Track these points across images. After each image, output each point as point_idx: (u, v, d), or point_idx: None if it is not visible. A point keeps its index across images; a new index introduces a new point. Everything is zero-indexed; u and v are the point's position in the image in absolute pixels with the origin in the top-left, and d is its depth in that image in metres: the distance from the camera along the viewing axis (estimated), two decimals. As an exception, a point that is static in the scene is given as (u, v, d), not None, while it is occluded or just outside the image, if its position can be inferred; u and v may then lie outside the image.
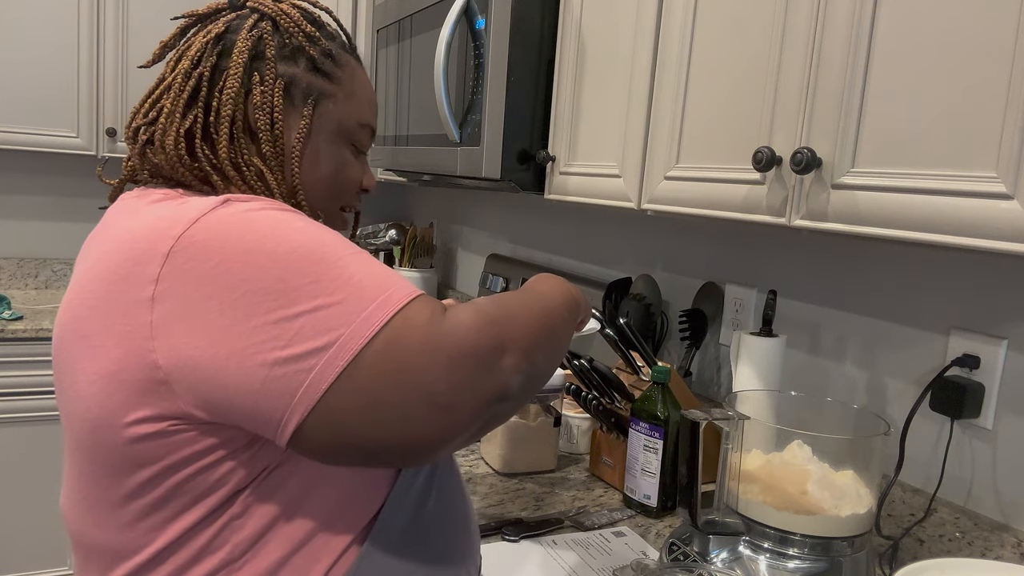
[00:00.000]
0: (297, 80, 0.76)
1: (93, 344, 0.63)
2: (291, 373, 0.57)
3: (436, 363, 0.58)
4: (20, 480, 2.27)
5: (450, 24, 1.49)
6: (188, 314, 0.58)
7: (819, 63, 0.89)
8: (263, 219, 0.61)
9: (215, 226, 0.60)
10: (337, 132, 0.80)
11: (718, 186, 1.05)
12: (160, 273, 0.60)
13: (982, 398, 1.03)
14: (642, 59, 1.20)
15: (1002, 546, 1.00)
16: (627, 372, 1.38)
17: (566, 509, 1.23)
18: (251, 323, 0.57)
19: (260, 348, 0.57)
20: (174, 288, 0.59)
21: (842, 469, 0.96)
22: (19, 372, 2.24)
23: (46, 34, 2.39)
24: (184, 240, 0.60)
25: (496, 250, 2.40)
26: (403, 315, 0.59)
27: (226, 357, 0.58)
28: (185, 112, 0.73)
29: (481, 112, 1.46)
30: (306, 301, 0.58)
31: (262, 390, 0.58)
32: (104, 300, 0.62)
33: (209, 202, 0.63)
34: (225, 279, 0.58)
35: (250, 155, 0.74)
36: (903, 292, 1.16)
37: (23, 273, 2.77)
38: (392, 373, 0.58)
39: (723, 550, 0.94)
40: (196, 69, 0.74)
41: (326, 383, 0.57)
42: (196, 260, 0.59)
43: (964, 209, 0.74)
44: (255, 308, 0.58)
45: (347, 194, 0.83)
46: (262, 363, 0.57)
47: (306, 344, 0.57)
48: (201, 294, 0.58)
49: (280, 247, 0.59)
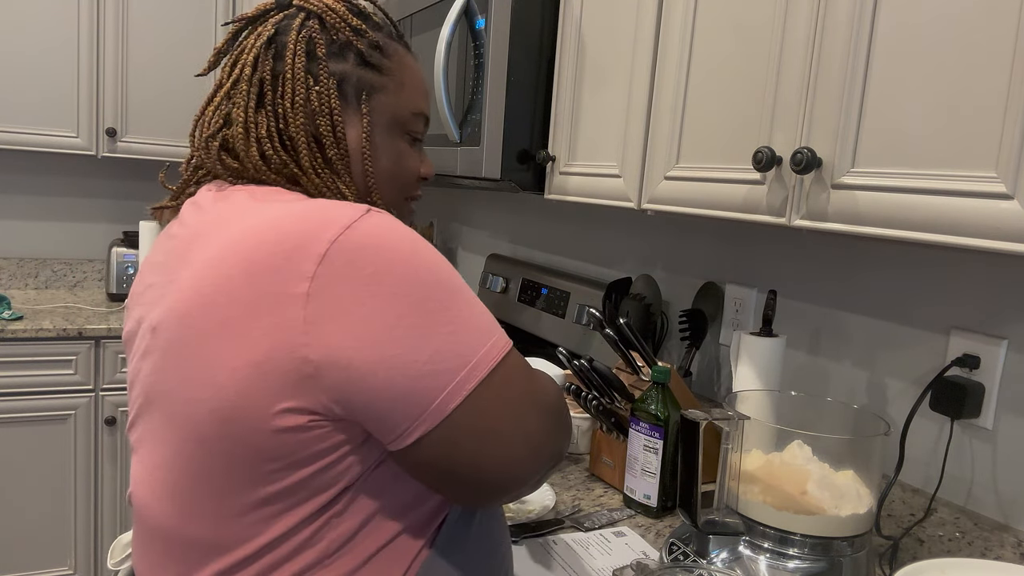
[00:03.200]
0: (348, 76, 0.76)
1: (236, 332, 0.62)
2: (427, 388, 0.62)
3: (534, 408, 0.68)
4: (20, 480, 2.27)
5: (450, 24, 1.49)
6: (342, 314, 0.60)
7: (819, 63, 0.89)
8: (407, 238, 0.64)
9: (369, 236, 0.63)
10: (392, 124, 0.80)
11: (718, 186, 1.05)
12: (316, 271, 0.61)
13: (982, 398, 1.03)
14: (642, 59, 1.20)
15: (1002, 546, 1.00)
16: (627, 372, 1.38)
17: (566, 509, 1.23)
18: (397, 332, 0.61)
19: (406, 359, 0.61)
20: (329, 288, 0.61)
21: (842, 469, 0.96)
22: (19, 372, 2.24)
23: (46, 34, 2.39)
24: (340, 244, 0.62)
25: (496, 250, 2.40)
26: (510, 359, 0.67)
27: (376, 361, 0.61)
28: (256, 118, 0.75)
29: (481, 112, 1.46)
30: (444, 324, 0.63)
31: (400, 398, 0.62)
32: (248, 290, 0.62)
33: (354, 210, 0.65)
34: (378, 287, 0.61)
35: (323, 160, 0.76)
36: (903, 292, 1.16)
37: (23, 273, 2.77)
38: (505, 406, 0.65)
39: (723, 550, 0.94)
40: (256, 74, 0.75)
41: (455, 402, 0.63)
42: (352, 265, 0.61)
43: (964, 209, 0.74)
44: (402, 320, 0.61)
45: (408, 185, 0.84)
46: (405, 374, 0.61)
47: (443, 364, 0.62)
48: (355, 297, 0.61)
49: (423, 269, 0.63)
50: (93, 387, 2.33)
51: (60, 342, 2.28)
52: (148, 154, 2.58)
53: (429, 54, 1.66)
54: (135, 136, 2.54)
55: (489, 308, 2.23)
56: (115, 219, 2.88)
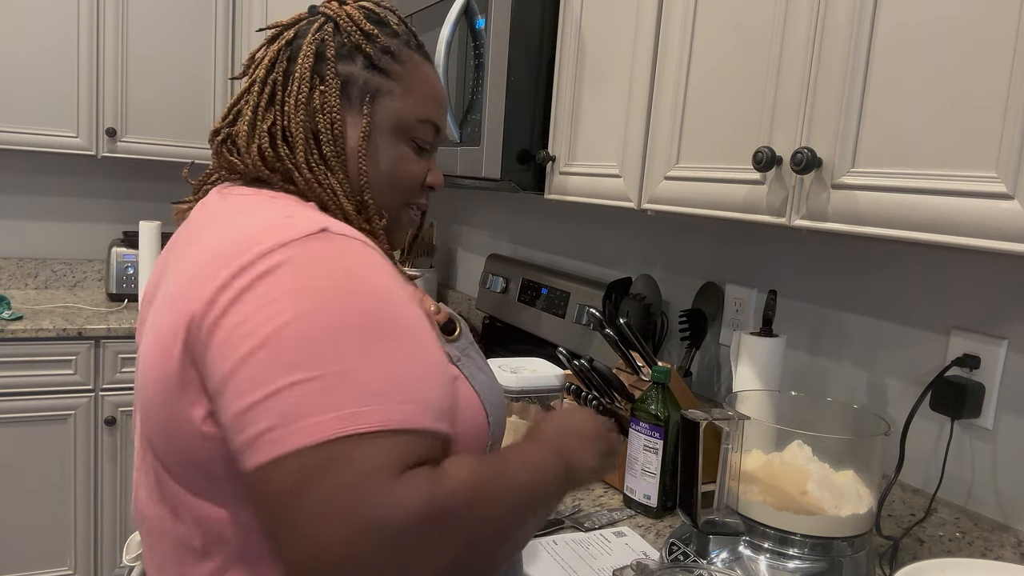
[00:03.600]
0: (354, 78, 0.78)
1: (163, 341, 0.65)
2: (252, 423, 0.57)
3: (340, 527, 0.52)
4: (20, 480, 2.27)
5: (450, 24, 1.49)
6: (226, 327, 0.60)
7: (819, 63, 0.89)
8: (337, 272, 0.61)
9: (292, 259, 0.61)
10: (395, 128, 0.80)
11: (718, 186, 1.04)
12: (231, 282, 0.61)
13: (982, 398, 1.03)
14: (642, 59, 1.20)
15: (1002, 546, 1.00)
16: (627, 372, 1.38)
17: (566, 509, 1.23)
18: (262, 355, 0.58)
19: (251, 382, 0.57)
20: (235, 300, 0.60)
21: (842, 469, 0.96)
22: (19, 372, 2.24)
23: (46, 34, 2.39)
24: (265, 260, 0.61)
25: (496, 250, 2.40)
26: (352, 444, 0.54)
27: (231, 376, 0.59)
28: (264, 115, 0.76)
29: (481, 112, 1.46)
30: (287, 374, 0.57)
31: (233, 422, 0.59)
32: (188, 290, 0.65)
33: (303, 228, 0.63)
34: (265, 310, 0.59)
35: (319, 157, 0.76)
36: (903, 292, 1.16)
37: (23, 273, 2.77)
38: (298, 501, 0.53)
39: (723, 550, 0.94)
40: (270, 75, 0.77)
41: (254, 464, 0.56)
42: (260, 281, 0.60)
43: (964, 209, 0.74)
44: (266, 362, 0.57)
45: (408, 191, 0.83)
46: (243, 398, 0.58)
47: (264, 422, 0.56)
48: (243, 314, 0.59)
49: (333, 310, 0.59)
50: (93, 387, 2.33)
51: (60, 342, 2.28)
52: (148, 154, 2.58)
53: (429, 54, 1.66)
54: (135, 136, 2.54)
55: (489, 308, 2.23)
56: (115, 219, 2.88)
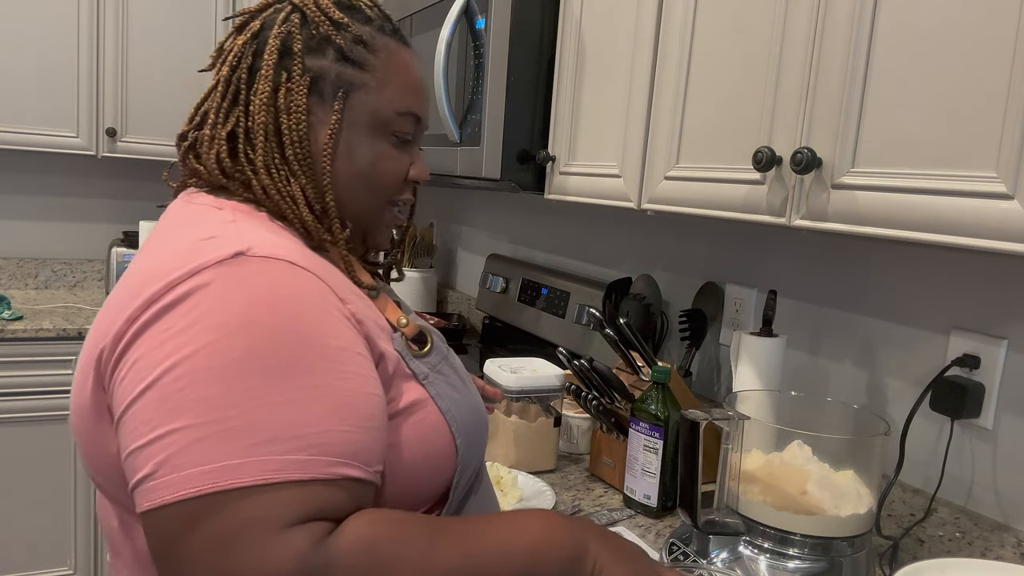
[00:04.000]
0: (325, 73, 0.72)
1: (85, 367, 0.66)
2: (134, 469, 0.56)
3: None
4: (20, 480, 2.27)
5: (450, 24, 1.49)
6: (123, 365, 0.59)
7: (819, 63, 0.89)
8: (242, 304, 0.58)
9: (193, 291, 0.59)
10: (372, 124, 0.74)
11: (718, 186, 1.04)
12: (137, 316, 0.59)
13: (982, 398, 1.03)
14: (642, 59, 1.20)
15: (1002, 546, 1.00)
16: (627, 372, 1.38)
17: (566, 509, 1.23)
18: (152, 394, 0.56)
19: (138, 424, 0.56)
20: (135, 336, 0.59)
21: (842, 469, 0.96)
22: (19, 372, 2.24)
23: (46, 34, 2.39)
24: (170, 291, 0.59)
25: (496, 250, 2.40)
26: (229, 498, 0.51)
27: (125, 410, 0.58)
28: (227, 117, 0.71)
29: (481, 112, 1.46)
30: (166, 421, 0.55)
31: (126, 462, 0.57)
32: (103, 320, 0.64)
33: (216, 251, 0.61)
34: (155, 351, 0.57)
35: (281, 160, 0.71)
36: (903, 292, 1.16)
37: (23, 273, 2.77)
38: (172, 548, 0.52)
39: (723, 550, 0.94)
40: (234, 73, 0.72)
41: (140, 509, 0.55)
42: (159, 317, 0.58)
43: (964, 209, 0.74)
44: (152, 404, 0.56)
45: (390, 189, 0.78)
46: (131, 439, 0.57)
47: (146, 468, 0.54)
48: (136, 353, 0.58)
49: (228, 344, 0.57)
50: (93, 387, 2.34)
51: (60, 342, 2.27)
52: (148, 154, 2.57)
53: (429, 54, 1.66)
54: (135, 136, 2.54)
55: (489, 308, 2.23)
56: (115, 219, 2.88)
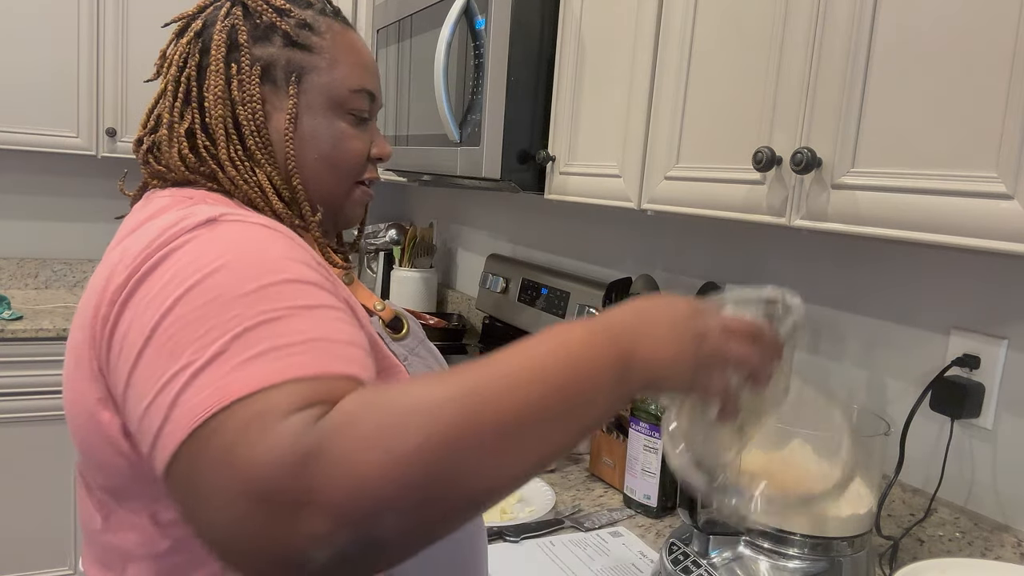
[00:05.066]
0: (275, 60, 0.74)
1: (76, 378, 0.64)
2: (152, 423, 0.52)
3: (222, 490, 0.47)
4: (20, 480, 2.27)
5: (450, 24, 1.49)
6: (122, 340, 0.56)
7: (819, 63, 0.89)
8: (219, 249, 0.56)
9: (172, 251, 0.57)
10: (328, 104, 0.76)
11: (718, 186, 1.04)
12: (119, 297, 0.58)
13: (982, 398, 1.03)
14: (642, 58, 1.20)
15: (1002, 546, 1.00)
16: (627, 372, 1.38)
17: (566, 509, 1.23)
18: (153, 346, 0.53)
19: (137, 396, 0.54)
20: (122, 305, 0.57)
21: (842, 469, 0.96)
22: (19, 372, 2.24)
23: (46, 34, 2.39)
24: (152, 258, 0.57)
25: (496, 250, 2.40)
26: (230, 412, 0.49)
27: (128, 375, 0.55)
28: (182, 115, 0.73)
29: (481, 112, 1.46)
30: (186, 355, 0.52)
31: (140, 426, 0.54)
32: (85, 307, 0.63)
33: (193, 220, 0.59)
34: (142, 311, 0.55)
35: (243, 152, 0.73)
36: (903, 292, 1.16)
37: (23, 273, 2.77)
38: (192, 481, 0.49)
39: (723, 550, 0.94)
40: (183, 72, 0.73)
41: (160, 468, 0.51)
42: (143, 280, 0.57)
43: (964, 209, 0.74)
44: (161, 333, 0.53)
45: (355, 167, 0.79)
46: (136, 417, 0.54)
47: (156, 420, 0.51)
48: (126, 318, 0.56)
49: (216, 283, 0.54)
50: (93, 387, 2.34)
51: (60, 342, 2.27)
52: (148, 154, 2.57)
53: (429, 54, 1.66)
54: (135, 136, 2.54)
55: (489, 308, 2.23)
56: (115, 219, 2.88)
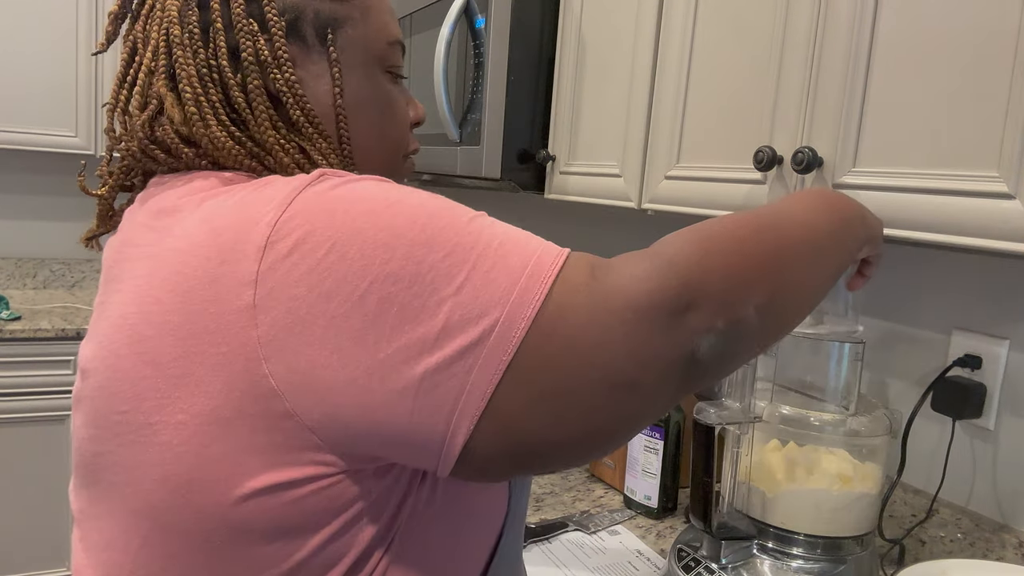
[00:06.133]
0: (303, 12, 0.60)
1: (173, 374, 0.48)
2: (447, 379, 0.46)
3: (608, 332, 0.47)
4: (20, 480, 2.27)
5: (450, 23, 1.49)
6: (304, 322, 0.46)
7: (820, 62, 0.89)
8: (370, 189, 0.49)
9: (316, 203, 0.48)
10: (368, 62, 0.63)
11: (719, 186, 1.04)
12: (259, 272, 0.47)
13: (984, 398, 1.03)
14: (643, 58, 1.20)
15: (1004, 547, 1.00)
16: (627, 372, 1.38)
17: (567, 510, 1.23)
18: (387, 323, 0.46)
19: (406, 356, 0.46)
20: (280, 289, 0.46)
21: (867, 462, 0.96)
22: (18, 372, 2.24)
23: (45, 34, 2.39)
24: (282, 226, 0.47)
25: (496, 250, 2.40)
26: (562, 280, 0.48)
27: (366, 375, 0.46)
28: (204, 86, 0.58)
29: (481, 111, 1.46)
30: (446, 281, 0.46)
31: (416, 409, 0.46)
32: (182, 314, 0.48)
33: (299, 179, 0.50)
34: (343, 267, 0.46)
35: (287, 125, 0.60)
36: (904, 292, 1.15)
37: (21, 273, 2.77)
38: (561, 355, 0.47)
39: (732, 553, 0.94)
40: (185, 31, 0.58)
41: (491, 385, 0.46)
42: (302, 250, 0.46)
43: (966, 209, 0.74)
44: (389, 302, 0.46)
45: (405, 136, 0.68)
46: (411, 377, 0.46)
47: (458, 340, 0.46)
48: (316, 293, 0.46)
49: (400, 217, 0.47)
50: (92, 387, 2.33)
51: (58, 342, 2.27)
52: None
53: (429, 54, 1.65)
54: (134, 136, 2.54)
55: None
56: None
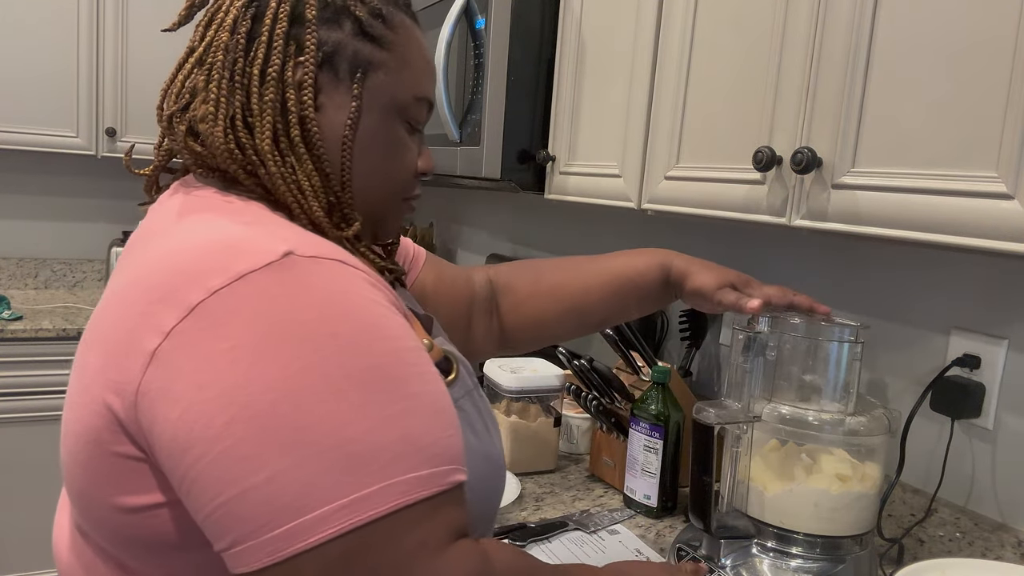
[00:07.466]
0: (342, 48, 0.63)
1: (87, 381, 0.55)
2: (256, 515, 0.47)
3: None
4: (20, 480, 2.27)
5: (450, 24, 1.49)
6: (177, 391, 0.49)
7: (819, 62, 0.89)
8: (311, 308, 0.50)
9: (256, 296, 0.49)
10: (389, 109, 0.66)
11: (718, 186, 1.04)
12: (174, 327, 0.50)
13: (983, 398, 1.03)
14: (642, 58, 1.20)
15: (1002, 546, 1.00)
16: (627, 372, 1.38)
17: (566, 510, 1.23)
18: (237, 429, 0.47)
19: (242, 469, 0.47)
20: (178, 352, 0.49)
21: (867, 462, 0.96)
22: (19, 372, 2.24)
23: (46, 34, 2.39)
24: (216, 299, 0.49)
25: (496, 250, 2.39)
26: (379, 527, 0.46)
27: (204, 460, 0.48)
28: (230, 95, 0.60)
29: (481, 112, 1.46)
30: (276, 457, 0.46)
31: (228, 513, 0.48)
32: (112, 332, 0.54)
33: (267, 251, 0.51)
34: (226, 372, 0.48)
35: (288, 145, 0.62)
36: (903, 292, 1.16)
37: (22, 273, 2.77)
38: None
39: (731, 552, 0.94)
40: (233, 37, 0.61)
41: (255, 566, 0.47)
42: (214, 330, 0.49)
43: (964, 209, 0.74)
44: (233, 432, 0.47)
45: (406, 184, 0.70)
46: (238, 486, 0.47)
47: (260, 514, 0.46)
48: (195, 378, 0.48)
49: (322, 353, 0.48)
50: (93, 387, 2.34)
51: (59, 342, 2.27)
52: (148, 154, 2.56)
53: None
54: (135, 136, 2.54)
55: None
56: (115, 219, 2.88)
